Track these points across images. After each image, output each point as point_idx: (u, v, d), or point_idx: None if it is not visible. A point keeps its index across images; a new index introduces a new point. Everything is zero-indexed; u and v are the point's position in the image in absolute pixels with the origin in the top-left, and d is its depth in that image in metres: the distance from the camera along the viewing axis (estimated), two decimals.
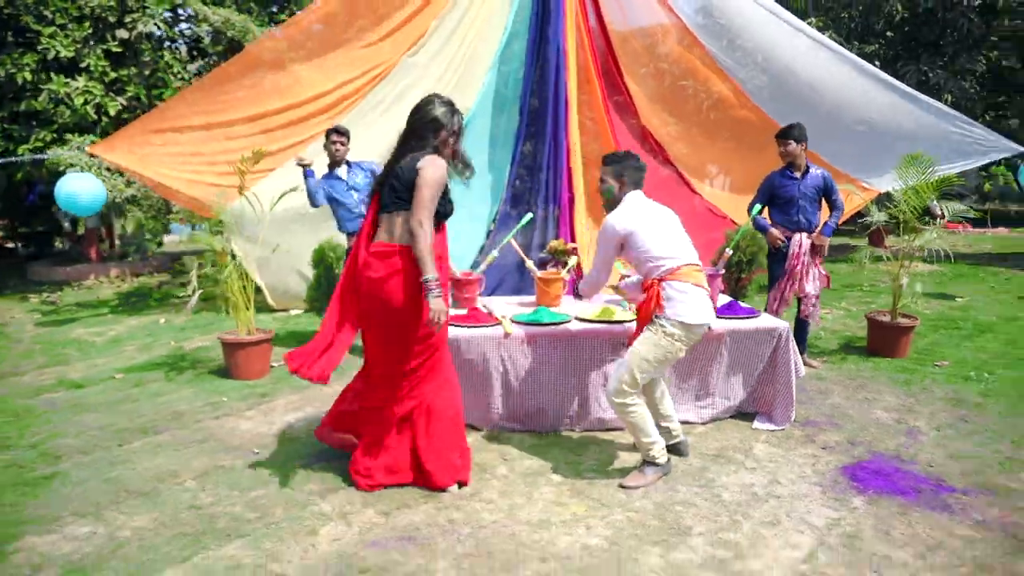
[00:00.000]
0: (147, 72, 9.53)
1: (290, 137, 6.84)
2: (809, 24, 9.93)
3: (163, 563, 2.59)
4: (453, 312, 4.09)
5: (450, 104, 3.17)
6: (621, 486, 3.23)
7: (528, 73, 7.46)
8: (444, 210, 3.13)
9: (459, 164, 3.24)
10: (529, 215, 5.06)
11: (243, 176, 4.88)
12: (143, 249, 10.27)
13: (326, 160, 5.31)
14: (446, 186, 3.09)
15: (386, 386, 3.17)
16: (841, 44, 10.14)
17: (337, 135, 5.26)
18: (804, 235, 4.90)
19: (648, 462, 3.28)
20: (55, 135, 8.29)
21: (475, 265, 6.54)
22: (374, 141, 6.46)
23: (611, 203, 3.41)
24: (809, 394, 4.53)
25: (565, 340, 3.87)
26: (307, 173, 5.12)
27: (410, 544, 2.73)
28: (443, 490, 3.15)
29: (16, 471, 3.45)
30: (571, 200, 7.42)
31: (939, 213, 5.80)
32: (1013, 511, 3.02)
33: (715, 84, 7.64)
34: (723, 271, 4.60)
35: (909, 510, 3.02)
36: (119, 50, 9.17)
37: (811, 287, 4.88)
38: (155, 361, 5.50)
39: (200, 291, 4.94)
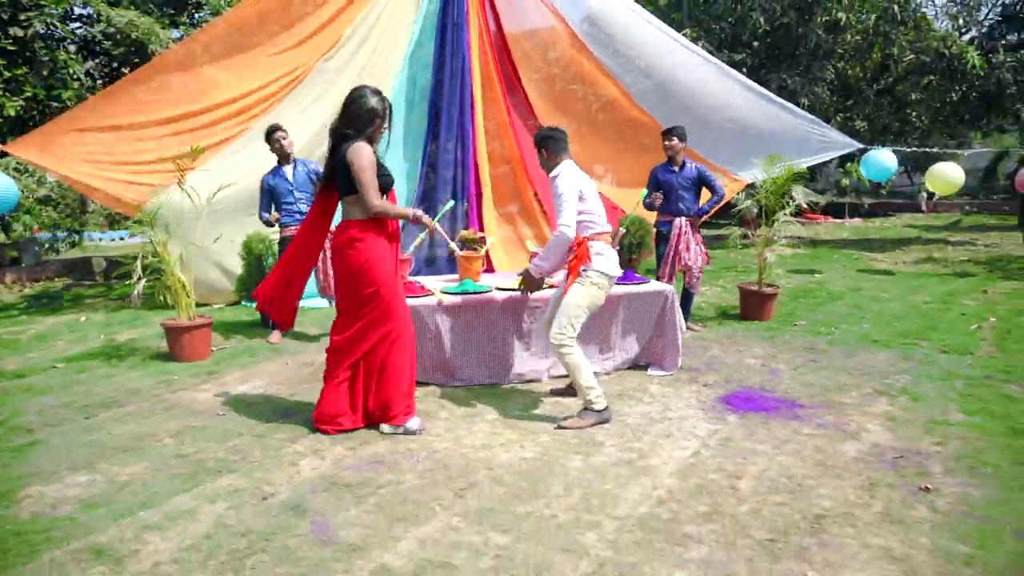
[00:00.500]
0: (44, 72, 9.40)
1: (206, 139, 7.07)
2: (684, 35, 11.04)
3: (169, 494, 3.03)
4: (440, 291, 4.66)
5: (378, 92, 3.72)
6: (559, 426, 3.80)
7: (434, 77, 8.07)
8: (384, 182, 3.70)
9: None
10: (451, 201, 5.64)
11: (182, 173, 5.20)
12: (55, 250, 10.06)
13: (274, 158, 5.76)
14: (379, 161, 3.66)
15: (343, 330, 3.71)
16: (712, 53, 11.33)
17: (280, 132, 5.69)
18: (683, 219, 5.78)
19: (587, 408, 3.83)
20: None
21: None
22: (295, 137, 6.85)
23: (552, 168, 3.94)
24: (692, 350, 5.38)
25: (488, 307, 4.51)
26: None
27: (379, 466, 3.29)
28: (379, 429, 3.72)
29: None
30: (479, 195, 8.08)
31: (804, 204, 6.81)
32: (844, 416, 3.92)
33: (603, 87, 8.48)
34: (618, 247, 5.37)
35: (769, 420, 3.87)
36: (13, 48, 9.03)
37: (693, 260, 5.77)
38: (91, 352, 5.69)
39: (143, 280, 5.22)
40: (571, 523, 2.72)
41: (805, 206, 6.79)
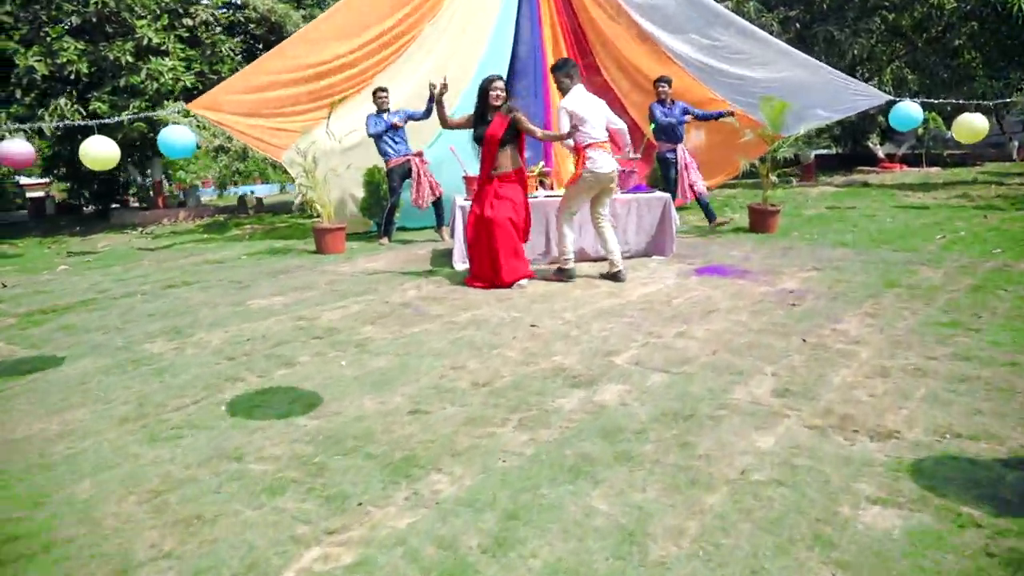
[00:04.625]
0: (208, 52, 11.94)
1: (330, 97, 9.09)
2: None
3: (333, 301, 5.17)
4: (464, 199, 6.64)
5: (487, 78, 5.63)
6: (542, 277, 5.75)
7: (515, 44, 9.91)
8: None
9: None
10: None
11: (329, 116, 7.41)
12: (224, 189, 12.81)
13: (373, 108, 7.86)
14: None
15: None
16: (764, 10, 12.55)
17: (382, 92, 7.76)
18: (682, 145, 7.52)
19: (559, 268, 5.74)
20: (148, 104, 10.73)
21: None
22: (411, 84, 8.76)
23: (566, 93, 5.61)
24: (694, 246, 7.11)
25: (537, 207, 6.41)
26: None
27: (455, 292, 5.34)
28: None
29: (224, 286, 6.01)
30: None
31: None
32: (775, 277, 5.60)
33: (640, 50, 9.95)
34: (636, 170, 7.11)
35: (720, 279, 5.62)
36: (187, 35, 11.58)
37: (696, 178, 7.48)
38: (261, 251, 8.05)
39: (302, 196, 7.48)
40: (562, 310, 4.66)
41: (881, 156, 8.23)
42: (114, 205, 15.23)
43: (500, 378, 3.32)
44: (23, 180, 16.64)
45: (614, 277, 5.64)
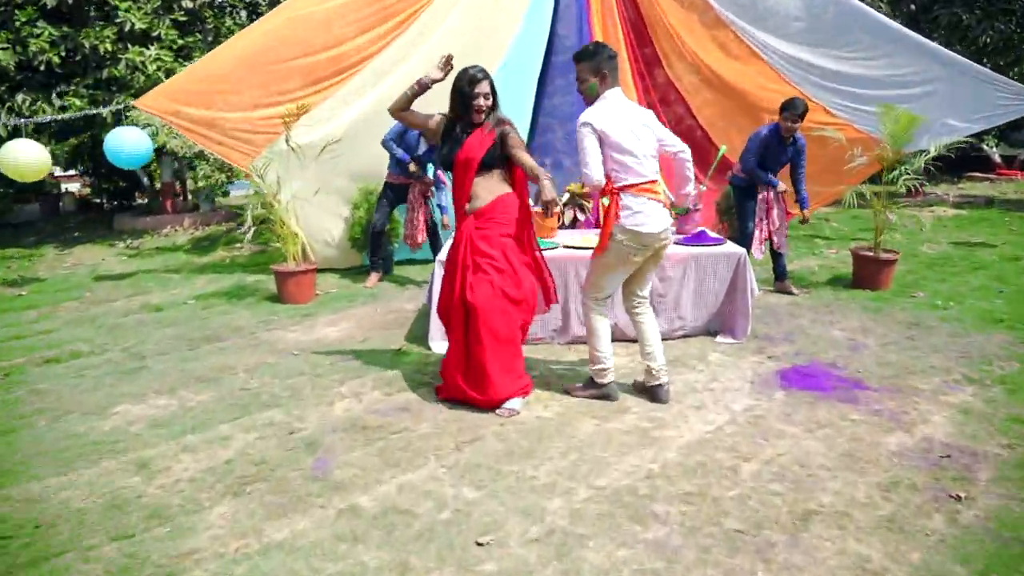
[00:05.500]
0: (210, 39, 10.43)
1: (327, 81, 7.15)
2: None
3: (219, 422, 3.46)
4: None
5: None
6: (564, 390, 3.78)
7: (552, 30, 7.95)
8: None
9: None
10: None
11: (288, 126, 5.67)
12: (211, 199, 11.39)
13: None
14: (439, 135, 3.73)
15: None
16: None
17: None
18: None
19: (592, 379, 3.70)
20: (133, 98, 9.27)
21: None
22: (417, 64, 6.83)
23: (594, 100, 3.48)
24: (779, 317, 5.08)
25: (552, 264, 4.52)
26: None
27: (403, 413, 3.52)
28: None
29: (113, 365, 4.40)
30: None
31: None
32: (909, 404, 3.57)
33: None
34: (699, 206, 5.11)
35: (818, 401, 3.62)
36: (185, 19, 10.07)
37: (781, 218, 5.46)
38: (220, 291, 6.43)
39: (254, 228, 5.80)
40: (546, 487, 2.78)
41: (998, 160, 6.04)
42: (137, 202, 14.09)
43: None
44: (57, 172, 15.75)
45: (652, 394, 3.66)
